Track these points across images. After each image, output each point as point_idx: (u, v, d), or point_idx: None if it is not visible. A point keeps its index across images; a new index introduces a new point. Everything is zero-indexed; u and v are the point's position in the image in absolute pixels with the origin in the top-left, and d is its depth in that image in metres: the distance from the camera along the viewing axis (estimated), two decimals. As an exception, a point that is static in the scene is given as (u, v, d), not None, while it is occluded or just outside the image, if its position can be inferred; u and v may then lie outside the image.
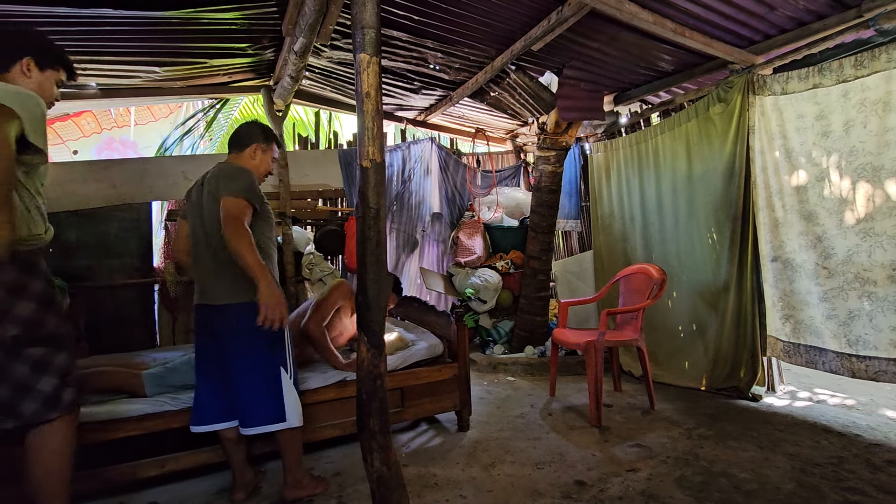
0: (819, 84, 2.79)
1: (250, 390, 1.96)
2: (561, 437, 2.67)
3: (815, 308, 2.87)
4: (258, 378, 1.97)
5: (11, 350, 1.46)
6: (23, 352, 1.47)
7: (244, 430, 1.99)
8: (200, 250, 2.02)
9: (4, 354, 1.45)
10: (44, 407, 1.50)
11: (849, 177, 2.69)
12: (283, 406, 1.99)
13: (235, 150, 2.14)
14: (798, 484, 2.10)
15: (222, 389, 2.03)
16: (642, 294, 3.19)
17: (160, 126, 6.93)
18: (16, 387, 1.47)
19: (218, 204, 1.89)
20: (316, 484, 2.14)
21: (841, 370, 2.76)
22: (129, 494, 2.15)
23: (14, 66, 1.57)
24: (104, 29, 2.79)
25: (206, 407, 2.03)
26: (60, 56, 1.68)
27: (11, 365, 1.46)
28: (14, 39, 1.61)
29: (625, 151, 4.17)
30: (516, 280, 4.47)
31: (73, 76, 1.76)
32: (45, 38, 1.67)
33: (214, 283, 1.98)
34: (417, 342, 2.91)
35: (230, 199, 1.87)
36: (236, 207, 1.86)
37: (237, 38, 3.20)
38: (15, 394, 1.47)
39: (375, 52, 1.68)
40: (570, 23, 2.83)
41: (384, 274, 1.74)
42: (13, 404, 1.47)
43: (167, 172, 3.87)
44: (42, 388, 1.50)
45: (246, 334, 1.94)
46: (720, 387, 3.29)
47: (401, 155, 4.72)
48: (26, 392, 1.48)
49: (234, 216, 1.83)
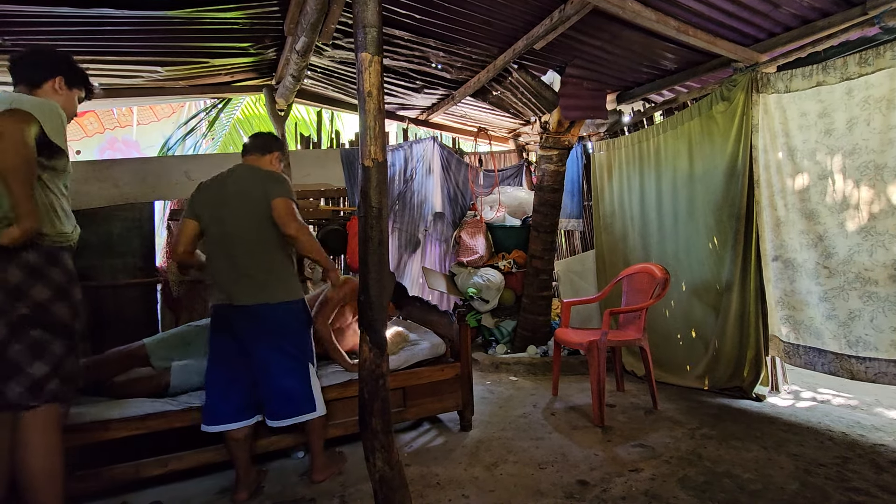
0: (823, 82, 2.77)
1: (286, 384, 2.07)
2: (564, 437, 2.67)
3: (815, 308, 2.85)
4: (293, 372, 2.08)
5: (16, 327, 1.52)
6: (26, 331, 1.53)
7: (274, 423, 2.08)
8: (220, 250, 2.05)
9: (9, 330, 1.51)
10: (28, 392, 1.53)
11: (851, 175, 2.67)
12: (313, 396, 2.13)
13: (258, 153, 2.24)
14: (802, 484, 2.09)
15: (237, 389, 2.07)
16: (645, 293, 3.18)
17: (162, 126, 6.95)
18: (9, 365, 1.52)
19: (252, 204, 2.03)
20: (337, 462, 2.33)
21: (840, 372, 2.73)
22: (132, 493, 2.15)
23: (46, 83, 1.76)
24: (107, 29, 2.79)
25: (218, 407, 2.06)
26: (84, 78, 1.91)
27: (11, 342, 1.52)
28: (50, 60, 1.80)
29: (626, 150, 4.16)
30: (519, 279, 4.46)
31: (91, 95, 1.97)
32: (74, 61, 1.87)
33: (240, 283, 2.02)
34: (420, 342, 2.90)
35: (286, 201, 2.03)
36: (293, 208, 2.05)
37: (239, 38, 3.20)
38: (5, 372, 1.51)
39: (377, 51, 1.68)
40: (572, 21, 2.82)
41: (386, 273, 1.73)
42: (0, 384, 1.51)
43: (170, 172, 3.87)
44: (32, 372, 1.54)
45: (279, 332, 2.05)
46: (724, 387, 3.28)
47: (403, 154, 4.71)
48: (16, 372, 1.52)
49: (295, 215, 2.03)
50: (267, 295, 2.01)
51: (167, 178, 3.85)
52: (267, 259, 2.03)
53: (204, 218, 2.10)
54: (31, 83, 1.74)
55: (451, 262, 4.90)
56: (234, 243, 2.02)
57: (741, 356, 3.20)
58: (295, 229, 2.00)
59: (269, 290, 2.02)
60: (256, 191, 2.03)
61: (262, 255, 2.02)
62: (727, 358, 3.26)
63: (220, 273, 2.06)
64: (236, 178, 2.10)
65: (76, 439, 1.91)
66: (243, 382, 2.08)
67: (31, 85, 1.74)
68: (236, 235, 2.02)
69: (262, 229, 2.04)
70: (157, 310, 3.79)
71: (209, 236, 2.10)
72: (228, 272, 2.03)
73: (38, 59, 1.79)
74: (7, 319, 1.51)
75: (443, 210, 4.93)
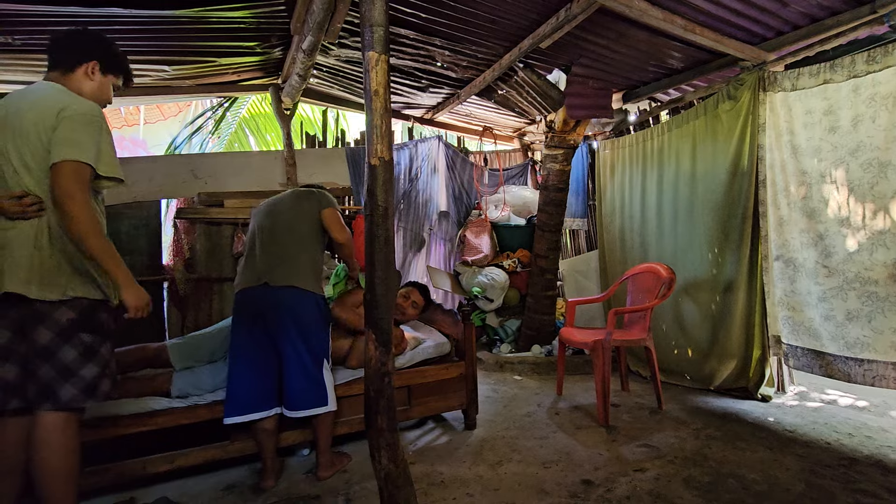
0: (830, 80, 2.75)
1: (305, 375, 2.15)
2: (568, 437, 2.67)
3: (814, 309, 2.82)
4: (312, 365, 2.17)
5: (65, 332, 1.53)
6: (76, 336, 1.54)
7: (292, 413, 2.15)
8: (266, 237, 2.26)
9: (59, 336, 1.52)
10: (82, 393, 1.55)
11: (854, 172, 2.65)
12: (325, 391, 2.20)
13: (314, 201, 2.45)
14: (808, 485, 2.08)
15: (263, 378, 2.13)
16: (650, 293, 3.17)
17: (169, 125, 6.99)
18: (61, 369, 1.52)
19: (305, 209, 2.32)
20: (341, 460, 2.37)
21: (838, 374, 2.70)
22: (140, 489, 2.17)
23: (79, 68, 1.67)
24: (115, 28, 2.81)
25: (243, 397, 2.11)
26: (122, 63, 1.79)
27: (62, 347, 1.52)
28: (84, 43, 1.70)
29: (630, 149, 4.14)
30: (523, 279, 4.46)
31: (130, 83, 1.86)
32: (112, 44, 1.76)
33: (279, 266, 2.18)
34: (425, 340, 2.91)
35: (334, 211, 2.33)
36: (339, 217, 2.35)
37: (246, 37, 3.21)
38: (58, 376, 1.52)
39: (384, 50, 1.68)
40: (578, 20, 2.81)
41: (392, 272, 1.74)
42: (54, 387, 1.51)
43: (177, 171, 3.90)
44: (84, 375, 1.55)
45: (304, 322, 2.17)
46: (729, 387, 3.26)
47: (408, 153, 4.71)
48: (69, 376, 1.53)
49: (343, 224, 2.33)
50: (300, 280, 2.18)
51: (174, 176, 3.87)
52: (306, 253, 2.25)
53: (259, 217, 2.37)
54: (65, 67, 1.66)
55: (455, 261, 4.91)
56: (281, 234, 2.25)
57: (747, 356, 3.18)
58: (344, 237, 2.33)
59: (302, 277, 2.19)
60: (311, 199, 2.35)
61: (303, 248, 2.25)
62: (732, 358, 3.24)
63: (258, 257, 2.23)
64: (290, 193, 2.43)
65: (88, 435, 1.93)
66: (267, 372, 2.14)
67: (64, 70, 1.66)
68: (285, 228, 2.26)
69: (308, 229, 2.29)
70: (164, 308, 3.81)
71: (258, 229, 2.32)
72: (268, 257, 2.21)
73: (72, 41, 1.69)
74: (59, 325, 1.52)
75: (447, 209, 4.93)
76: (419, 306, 2.97)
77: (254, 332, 2.14)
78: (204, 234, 3.75)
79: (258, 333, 2.14)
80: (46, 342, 1.51)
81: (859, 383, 2.62)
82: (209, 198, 3.83)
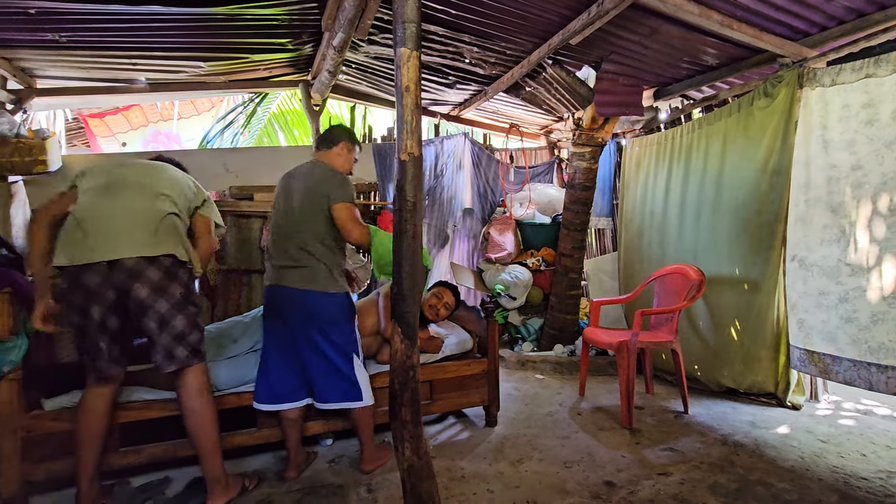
0: (872, 74, 2.63)
1: (330, 370, 2.14)
2: (590, 437, 2.64)
3: (832, 310, 2.71)
4: (336, 360, 2.15)
5: (178, 304, 1.87)
6: (186, 308, 1.90)
7: (322, 405, 2.17)
8: (281, 233, 2.17)
9: (173, 307, 1.86)
10: (191, 354, 1.90)
11: (889, 165, 2.53)
12: (359, 385, 2.18)
13: (325, 147, 2.31)
14: (841, 497, 2.01)
15: (291, 371, 2.17)
16: (678, 295, 3.11)
17: (202, 119, 7.17)
18: (176, 336, 1.87)
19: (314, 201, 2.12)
20: (386, 453, 2.33)
21: (857, 381, 2.58)
22: (173, 469, 2.25)
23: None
24: (154, 26, 2.91)
25: (275, 387, 2.16)
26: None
27: (175, 317, 1.86)
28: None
29: (658, 147, 4.04)
30: (547, 277, 4.43)
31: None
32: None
33: (291, 269, 2.12)
34: (448, 336, 2.92)
35: (347, 207, 2.11)
36: (354, 213, 2.12)
37: (278, 34, 3.27)
38: (174, 341, 1.86)
39: (416, 47, 1.69)
40: (610, 15, 2.76)
41: (419, 267, 1.76)
42: (172, 350, 1.86)
43: (209, 164, 4.00)
44: (191, 340, 1.90)
45: (321, 320, 2.12)
46: (757, 393, 3.17)
47: (434, 150, 4.73)
48: (181, 340, 1.88)
49: (357, 221, 2.11)
50: (312, 283, 2.11)
51: (207, 170, 3.97)
52: (318, 252, 2.12)
53: (274, 214, 2.26)
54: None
55: (479, 258, 4.90)
56: (293, 232, 2.14)
57: (774, 362, 3.07)
58: (357, 236, 2.10)
59: (314, 279, 2.11)
60: (320, 188, 2.13)
61: (315, 247, 2.11)
62: (761, 364, 3.14)
63: (275, 257, 2.19)
64: (303, 173, 2.22)
65: (123, 417, 2.02)
66: (296, 365, 2.17)
67: None
68: (296, 225, 2.14)
69: (319, 225, 2.13)
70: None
71: (275, 222, 2.23)
72: (283, 257, 2.15)
73: None
74: (173, 300, 1.86)
75: (472, 206, 4.93)
76: (451, 308, 2.89)
77: (281, 329, 2.17)
78: (234, 226, 3.84)
79: (284, 330, 2.17)
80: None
81: (881, 392, 2.50)
82: (240, 191, 3.93)
